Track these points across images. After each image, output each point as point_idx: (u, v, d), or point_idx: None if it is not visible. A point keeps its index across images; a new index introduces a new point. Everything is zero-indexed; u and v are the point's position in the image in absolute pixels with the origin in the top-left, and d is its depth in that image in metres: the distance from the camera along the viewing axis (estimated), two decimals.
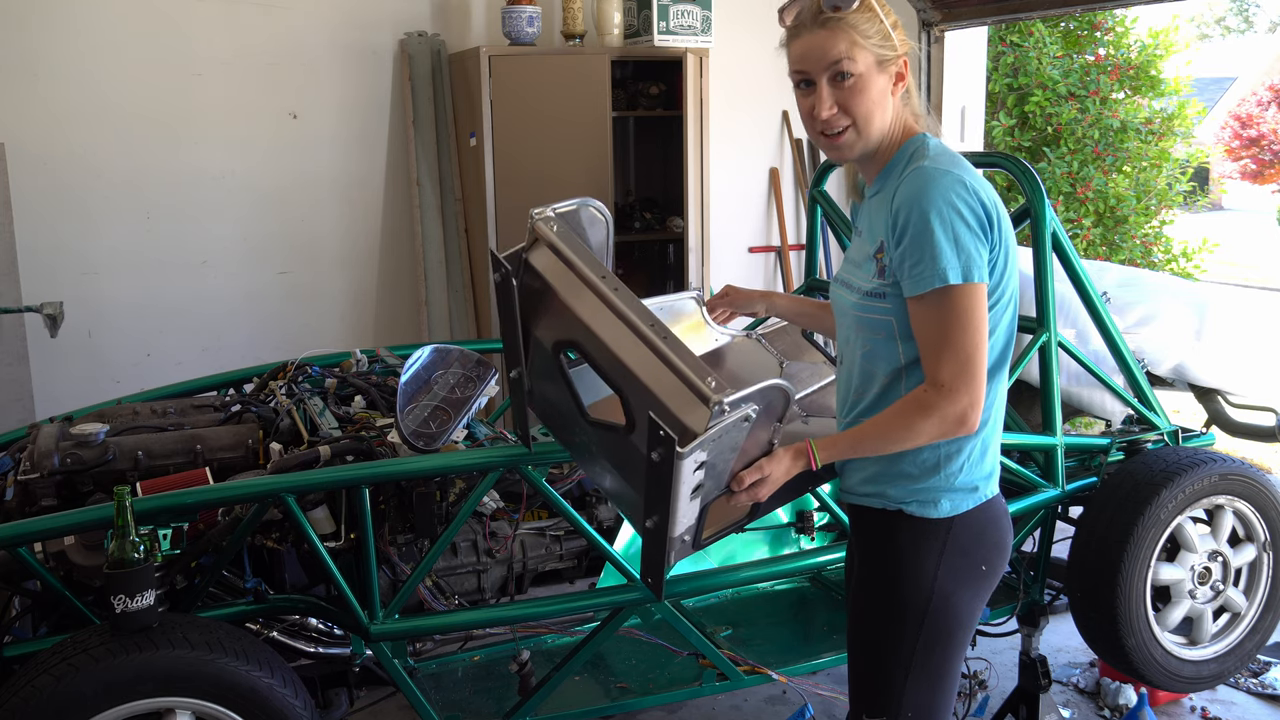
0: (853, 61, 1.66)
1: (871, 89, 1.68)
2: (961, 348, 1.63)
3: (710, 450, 1.57)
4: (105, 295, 3.92)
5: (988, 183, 1.70)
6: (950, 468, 1.74)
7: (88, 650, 1.85)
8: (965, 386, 1.63)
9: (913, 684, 1.76)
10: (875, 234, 1.74)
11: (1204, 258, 6.36)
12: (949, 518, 1.75)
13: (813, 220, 3.52)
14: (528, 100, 4.01)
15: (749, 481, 1.69)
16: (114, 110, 3.85)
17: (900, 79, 1.72)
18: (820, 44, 1.67)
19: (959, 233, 1.61)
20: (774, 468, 1.70)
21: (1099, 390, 3.02)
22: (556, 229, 1.82)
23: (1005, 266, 1.70)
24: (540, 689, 2.42)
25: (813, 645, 2.90)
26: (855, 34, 1.65)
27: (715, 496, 1.69)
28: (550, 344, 1.86)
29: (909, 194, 1.65)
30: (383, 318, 4.41)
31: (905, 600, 1.75)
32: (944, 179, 1.63)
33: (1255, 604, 2.96)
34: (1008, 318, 1.75)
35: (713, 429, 1.55)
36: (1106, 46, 6.27)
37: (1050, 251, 2.70)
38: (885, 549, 1.79)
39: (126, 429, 2.42)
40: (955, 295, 1.62)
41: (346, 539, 2.29)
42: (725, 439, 1.59)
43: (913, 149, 1.73)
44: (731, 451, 1.64)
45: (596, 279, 1.74)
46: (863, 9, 1.66)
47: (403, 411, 2.31)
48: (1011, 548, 1.85)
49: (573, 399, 1.85)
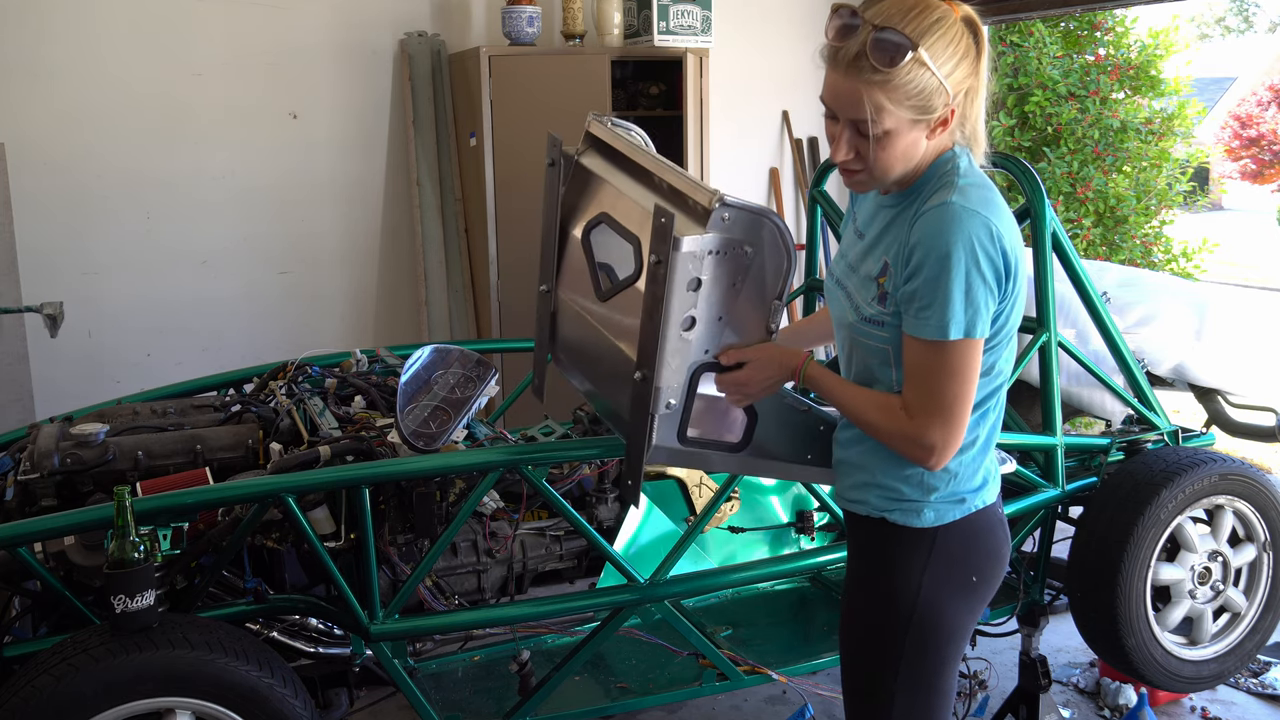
0: (879, 123, 1.52)
1: (898, 144, 1.55)
2: (946, 397, 1.58)
3: (706, 267, 1.61)
4: (105, 295, 3.92)
5: (1013, 221, 1.59)
6: (935, 484, 1.69)
7: (88, 650, 1.85)
8: (939, 431, 1.59)
9: (902, 694, 1.72)
10: (881, 250, 1.66)
11: (1204, 258, 6.36)
12: (934, 527, 1.70)
13: (813, 220, 3.52)
14: (528, 100, 4.01)
15: (736, 358, 1.68)
16: (114, 110, 3.85)
17: (943, 124, 1.57)
18: (847, 94, 1.52)
19: (973, 286, 1.53)
20: (761, 354, 1.68)
21: (1099, 390, 3.02)
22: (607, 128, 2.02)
23: (1014, 311, 1.64)
24: (540, 689, 2.42)
25: (813, 645, 2.89)
26: (887, 96, 1.50)
27: (705, 364, 1.71)
28: (582, 230, 1.99)
29: (930, 232, 1.53)
30: (383, 318, 4.41)
31: (890, 608, 1.71)
32: (971, 222, 1.52)
33: (1255, 604, 2.96)
34: (1010, 345, 1.70)
35: (712, 232, 1.59)
36: (1106, 46, 6.26)
37: (1050, 251, 2.70)
38: (871, 555, 1.76)
39: (126, 429, 2.42)
40: (952, 350, 1.56)
41: (346, 539, 2.28)
42: (723, 262, 1.62)
43: (942, 171, 1.61)
44: (728, 292, 1.66)
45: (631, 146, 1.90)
46: (911, 67, 1.48)
47: (403, 411, 2.31)
48: (1009, 556, 1.80)
49: (592, 276, 1.94)
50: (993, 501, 1.76)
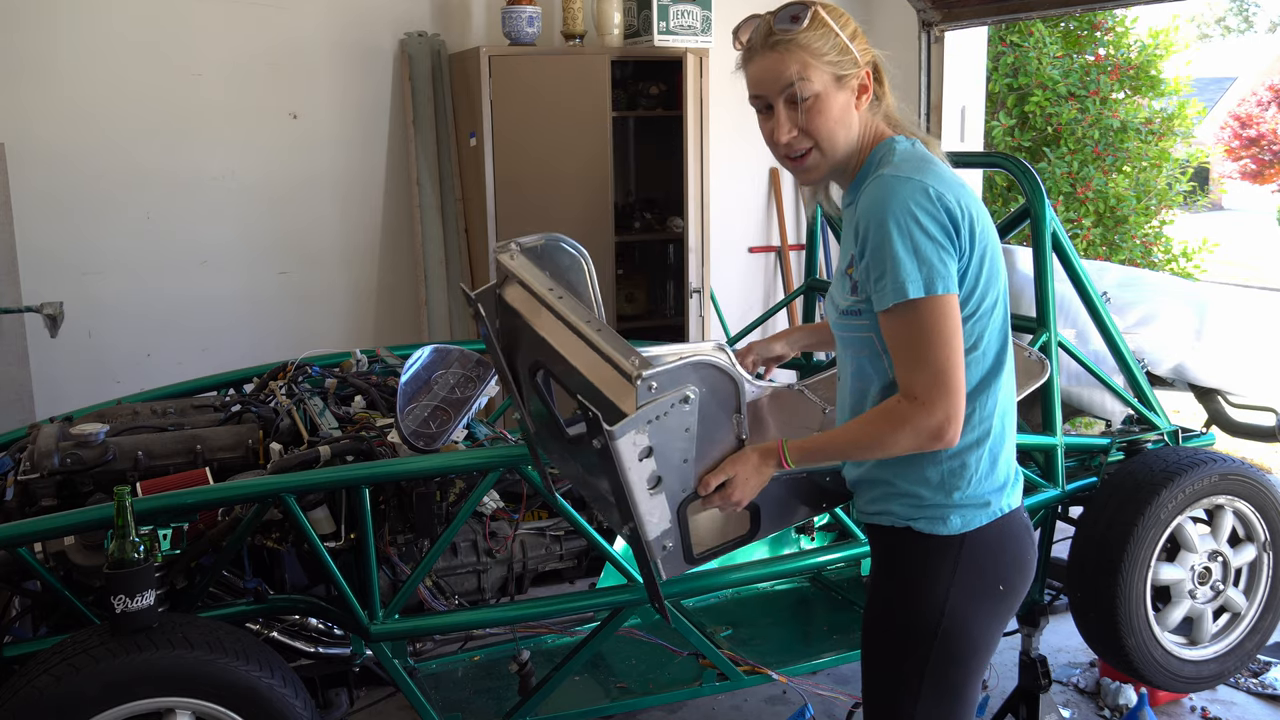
0: (807, 82, 1.61)
1: (831, 107, 1.63)
2: (933, 361, 1.55)
3: (651, 434, 1.55)
4: (105, 295, 3.92)
5: (962, 185, 1.62)
6: (955, 483, 1.67)
7: (88, 650, 1.85)
8: (941, 399, 1.56)
9: (925, 705, 1.69)
10: (846, 245, 1.69)
11: (1204, 258, 6.36)
12: (960, 534, 1.67)
13: (813, 220, 3.52)
14: (528, 100, 4.01)
15: (715, 483, 1.62)
16: (114, 110, 3.85)
17: (864, 90, 1.66)
18: (772, 67, 1.63)
19: (918, 243, 1.54)
20: (740, 467, 1.63)
21: (1099, 390, 3.02)
22: (517, 260, 1.85)
23: (981, 272, 1.62)
24: (540, 689, 2.42)
25: (813, 645, 2.90)
26: (807, 54, 1.61)
27: (687, 498, 1.65)
28: (527, 371, 1.88)
29: (868, 204, 1.59)
30: (383, 318, 4.41)
31: (917, 620, 1.67)
32: (904, 187, 1.56)
33: (1255, 604, 2.97)
34: (997, 324, 1.67)
35: (644, 407, 1.53)
36: (1106, 46, 6.27)
37: (1050, 251, 2.70)
38: (896, 567, 1.73)
39: (126, 429, 2.42)
40: (919, 309, 1.55)
41: (346, 539, 2.29)
42: (667, 421, 1.56)
43: (879, 156, 1.67)
44: (683, 439, 1.60)
45: (544, 290, 1.76)
46: (814, 26, 1.61)
47: (403, 411, 2.31)
48: (1035, 566, 1.77)
49: (551, 416, 1.86)
50: (1018, 505, 1.74)
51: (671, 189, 4.47)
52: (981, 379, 1.67)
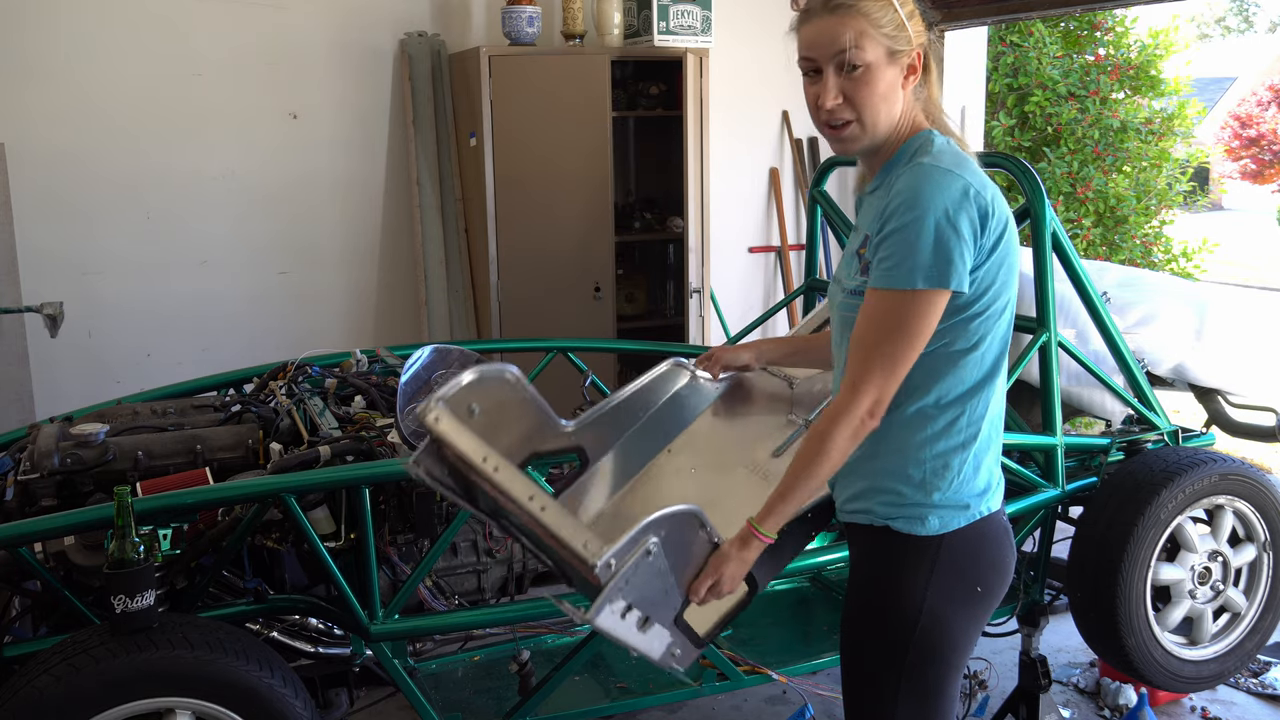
0: (861, 51, 1.60)
1: (880, 81, 1.62)
2: (891, 351, 1.58)
3: (626, 594, 1.57)
4: (105, 295, 3.92)
5: (996, 188, 1.62)
6: (936, 484, 1.67)
7: (88, 650, 1.85)
8: (878, 383, 1.58)
9: (905, 704, 1.70)
10: (865, 227, 1.68)
11: (1204, 258, 6.37)
12: (939, 535, 1.67)
13: (813, 220, 3.52)
14: (528, 100, 4.01)
15: (704, 589, 1.65)
16: (114, 110, 3.85)
17: (913, 71, 1.66)
18: (829, 30, 1.61)
19: (944, 237, 1.55)
20: (724, 566, 1.66)
21: (1099, 390, 3.02)
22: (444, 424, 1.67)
23: (998, 275, 1.62)
24: (540, 689, 2.42)
25: (813, 645, 2.90)
26: (866, 22, 1.60)
27: (681, 610, 1.67)
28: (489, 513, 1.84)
29: (904, 187, 1.59)
30: (383, 318, 4.41)
31: (894, 619, 1.68)
32: (944, 179, 1.57)
33: (1255, 604, 2.97)
34: (1001, 329, 1.67)
35: (610, 585, 1.55)
36: (1106, 46, 6.27)
37: (1050, 251, 2.70)
38: (874, 566, 1.74)
39: (126, 429, 2.42)
40: (912, 300, 1.56)
41: (346, 539, 2.28)
42: (637, 578, 1.58)
43: (916, 145, 1.66)
44: (659, 579, 1.62)
45: (479, 462, 1.64)
46: None
47: (403, 411, 2.31)
48: (1014, 566, 1.77)
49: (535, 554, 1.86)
50: (997, 509, 1.74)
51: (671, 189, 4.47)
52: (976, 382, 1.67)
